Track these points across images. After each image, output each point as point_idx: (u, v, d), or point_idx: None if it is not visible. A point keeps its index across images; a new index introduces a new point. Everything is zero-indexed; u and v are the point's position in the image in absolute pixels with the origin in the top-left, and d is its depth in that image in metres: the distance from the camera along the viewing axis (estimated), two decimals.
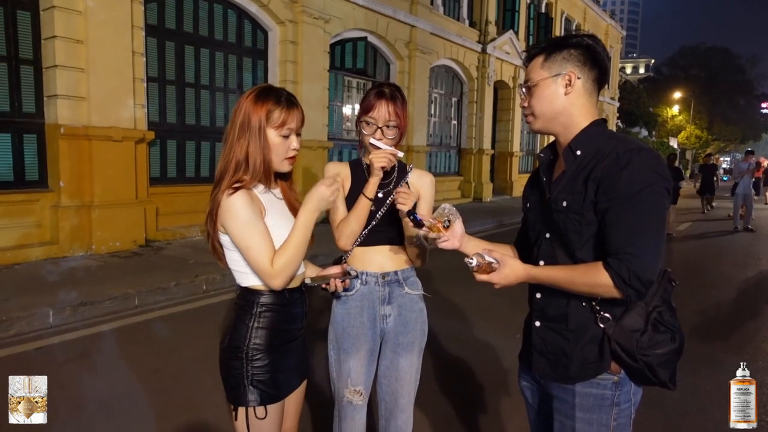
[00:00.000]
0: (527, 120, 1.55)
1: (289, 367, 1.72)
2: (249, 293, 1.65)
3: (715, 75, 44.90)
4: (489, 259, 1.46)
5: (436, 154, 15.35)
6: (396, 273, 1.99)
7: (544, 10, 20.32)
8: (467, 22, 15.91)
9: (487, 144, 16.70)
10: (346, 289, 1.90)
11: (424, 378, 2.17)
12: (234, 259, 1.64)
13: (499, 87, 17.78)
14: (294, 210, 1.74)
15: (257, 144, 1.58)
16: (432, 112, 14.95)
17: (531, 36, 19.34)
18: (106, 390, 3.33)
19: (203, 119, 8.65)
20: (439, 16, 14.19)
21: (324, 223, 1.90)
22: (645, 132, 38.70)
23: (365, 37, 11.25)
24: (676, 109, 42.90)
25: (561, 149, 1.51)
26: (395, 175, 2.00)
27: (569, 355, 1.46)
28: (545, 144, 1.67)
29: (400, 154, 1.90)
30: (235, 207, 1.53)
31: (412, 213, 1.63)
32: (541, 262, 1.52)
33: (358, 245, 1.97)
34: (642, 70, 74.69)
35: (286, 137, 1.63)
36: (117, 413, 3.03)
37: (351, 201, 1.95)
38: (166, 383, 3.45)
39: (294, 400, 1.80)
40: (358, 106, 1.90)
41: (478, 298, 5.57)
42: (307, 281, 1.76)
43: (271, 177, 1.67)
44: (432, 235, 1.57)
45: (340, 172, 2.02)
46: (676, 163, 14.17)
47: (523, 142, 19.57)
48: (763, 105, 50.72)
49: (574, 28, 22.80)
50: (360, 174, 2.00)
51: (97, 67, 6.62)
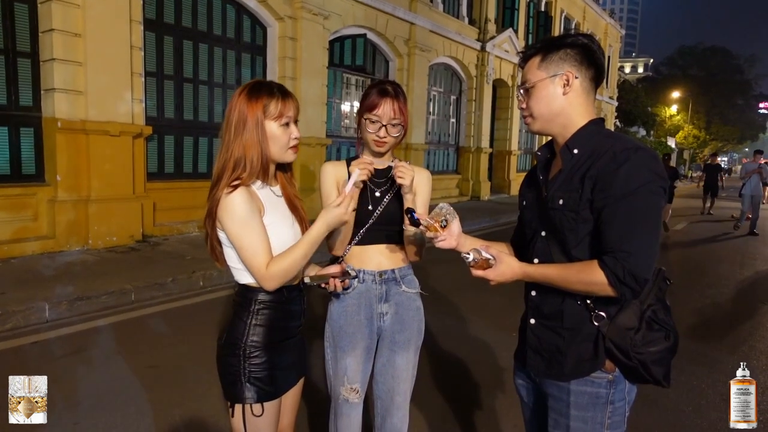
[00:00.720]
0: (526, 121, 1.55)
1: (287, 364, 1.71)
2: (247, 290, 1.64)
3: (714, 75, 44.98)
4: (486, 255, 1.47)
5: (434, 152, 15.34)
6: (393, 271, 1.99)
7: (543, 9, 20.30)
8: (467, 19, 15.88)
9: (485, 142, 16.70)
10: (344, 288, 1.89)
11: (420, 376, 2.17)
12: (232, 256, 1.63)
13: (497, 85, 17.77)
14: (293, 206, 1.73)
15: (255, 139, 1.58)
16: (431, 110, 14.94)
17: (530, 34, 19.32)
18: (101, 385, 3.32)
19: (201, 115, 8.63)
20: (438, 13, 14.17)
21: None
22: (643, 131, 38.75)
23: (364, 34, 11.23)
24: (674, 108, 42.96)
25: (558, 148, 1.51)
26: (391, 174, 1.99)
27: (564, 352, 1.47)
28: (543, 143, 1.67)
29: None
30: (233, 205, 1.53)
31: (410, 212, 1.63)
32: (536, 260, 1.52)
33: (356, 244, 1.97)
34: (641, 70, 74.76)
35: (287, 126, 1.62)
36: (113, 408, 3.02)
37: None
38: (163, 379, 3.45)
39: (291, 398, 1.80)
40: (357, 104, 1.88)
41: (475, 296, 5.57)
42: (306, 280, 1.75)
43: (269, 172, 1.66)
44: (429, 234, 1.57)
45: (329, 177, 1.99)
46: (672, 163, 14.27)
47: (521, 141, 19.58)
48: (761, 105, 50.91)
49: (573, 26, 22.80)
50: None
51: (94, 61, 6.59)
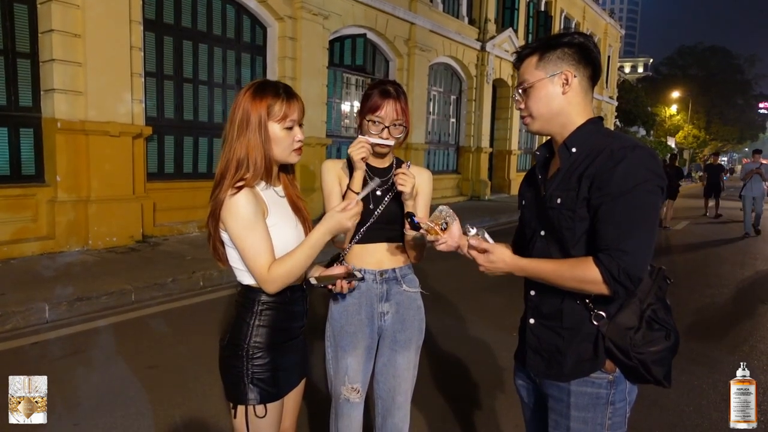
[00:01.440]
0: (525, 122, 1.53)
1: (290, 365, 1.71)
2: (250, 291, 1.63)
3: (714, 75, 44.98)
4: (488, 239, 1.47)
5: (434, 152, 15.34)
6: (394, 270, 1.98)
7: (543, 9, 20.30)
8: (466, 19, 15.88)
9: (485, 142, 16.69)
10: (350, 290, 1.89)
11: (421, 376, 2.16)
12: (235, 257, 1.62)
13: (497, 85, 17.77)
14: (296, 207, 1.72)
15: (258, 141, 1.56)
16: (431, 110, 14.94)
17: (530, 34, 19.32)
18: (102, 386, 3.32)
19: (201, 115, 8.63)
20: (438, 13, 14.17)
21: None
22: (643, 131, 38.77)
23: (364, 34, 11.22)
24: (674, 108, 42.95)
25: (557, 147, 1.51)
26: (392, 173, 1.99)
27: (564, 352, 1.46)
28: (543, 142, 1.67)
29: (390, 143, 1.89)
30: (237, 207, 1.51)
31: (409, 216, 1.63)
32: None
33: (357, 242, 1.96)
34: (641, 70, 74.73)
35: (290, 129, 1.61)
36: (113, 409, 3.02)
37: None
38: (163, 379, 3.44)
39: (293, 399, 1.79)
40: (357, 103, 1.87)
41: (475, 296, 5.57)
42: (313, 282, 1.73)
43: (272, 173, 1.65)
44: (430, 237, 1.57)
45: (331, 174, 1.99)
46: (676, 163, 14.14)
47: (521, 141, 19.57)
48: (761, 105, 50.88)
49: (573, 26, 22.80)
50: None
51: (94, 61, 6.59)
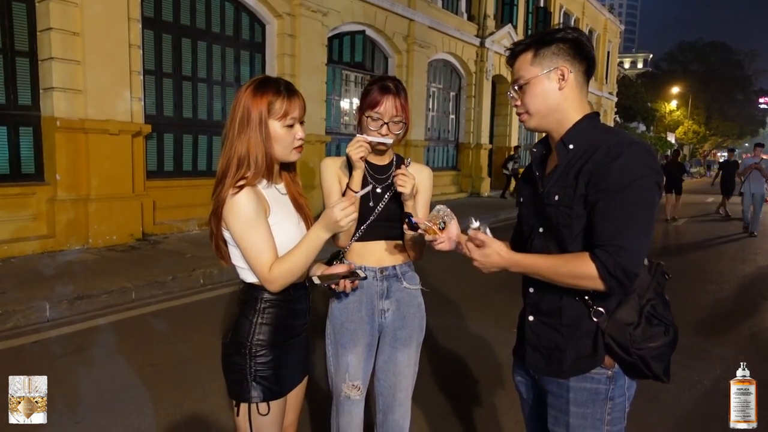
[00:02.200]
0: (522, 119, 1.53)
1: (292, 363, 1.70)
2: (253, 289, 1.63)
3: (714, 70, 44.97)
4: (487, 233, 1.46)
5: (434, 149, 15.33)
6: (394, 268, 1.98)
7: (542, 4, 20.27)
8: (465, 15, 15.86)
9: (485, 138, 16.69)
10: (353, 289, 1.88)
11: (421, 373, 2.16)
12: (237, 255, 1.61)
13: (497, 81, 17.75)
14: (298, 205, 1.71)
15: (259, 138, 1.55)
16: (430, 107, 14.93)
17: (529, 30, 19.26)
18: (102, 384, 3.32)
19: (200, 113, 8.62)
20: (437, 9, 14.14)
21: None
22: (643, 127, 38.75)
23: (363, 31, 11.22)
24: (674, 104, 42.92)
25: (554, 144, 1.50)
26: (393, 170, 1.99)
27: (563, 349, 1.46)
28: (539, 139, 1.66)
29: (389, 141, 1.87)
30: (238, 206, 1.51)
31: (407, 216, 1.63)
32: None
33: (357, 240, 1.96)
34: (640, 65, 74.59)
35: (291, 127, 1.60)
36: (113, 407, 3.02)
37: None
38: (163, 377, 3.44)
39: (295, 396, 1.79)
40: (356, 100, 1.86)
41: (475, 292, 5.57)
42: (316, 281, 1.72)
43: (273, 171, 1.63)
44: (428, 237, 1.57)
45: (330, 172, 2.00)
46: (679, 159, 14.06)
47: (521, 137, 19.56)
48: (761, 100, 50.79)
49: (572, 22, 22.76)
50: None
51: (93, 59, 6.58)
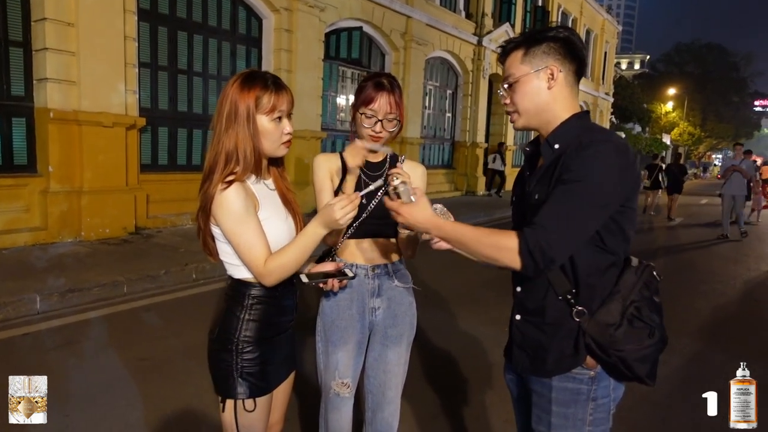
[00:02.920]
0: (512, 118, 1.52)
1: (279, 359, 1.70)
2: (241, 285, 1.62)
3: (710, 72, 45.14)
4: (411, 197, 1.46)
5: (429, 147, 15.32)
6: (386, 266, 1.98)
7: (540, 4, 20.27)
8: (463, 14, 15.84)
9: (481, 137, 16.69)
10: (342, 288, 1.87)
11: (412, 370, 2.16)
12: (226, 251, 1.61)
13: (494, 80, 17.70)
14: (286, 200, 1.70)
15: (247, 133, 1.53)
16: (426, 104, 14.90)
17: (527, 29, 19.23)
18: (92, 377, 3.30)
19: (195, 106, 8.57)
20: (435, 7, 14.11)
21: (312, 214, 1.88)
22: (639, 128, 38.83)
23: (360, 27, 11.18)
24: (670, 105, 43.05)
25: (542, 143, 1.50)
26: (386, 167, 1.98)
27: (546, 348, 1.46)
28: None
29: (388, 150, 1.86)
30: (228, 202, 1.49)
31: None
32: None
33: (349, 237, 1.95)
34: (637, 66, 74.80)
35: (279, 120, 1.58)
36: (103, 401, 3.01)
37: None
38: (153, 371, 3.43)
39: (282, 392, 1.78)
40: (352, 97, 1.84)
41: (466, 290, 5.58)
42: (304, 279, 1.71)
43: (262, 166, 1.62)
44: (425, 236, 1.56)
45: (323, 169, 1.97)
46: (680, 161, 14.53)
47: (516, 136, 19.57)
48: (757, 103, 51.11)
49: (570, 22, 22.77)
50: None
51: (87, 50, 6.53)
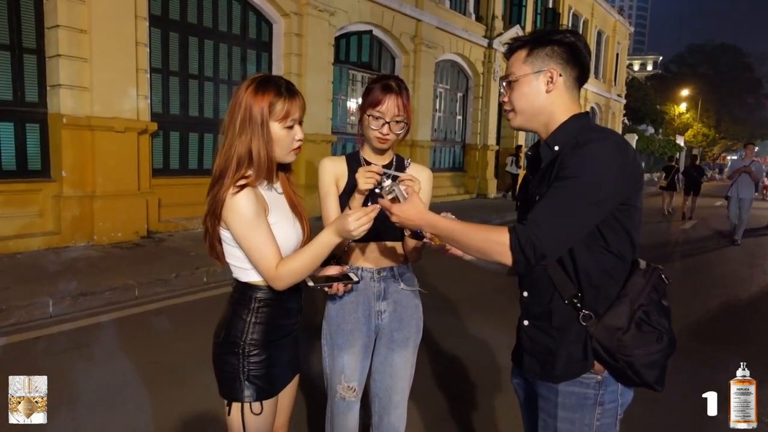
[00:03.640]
0: (507, 116, 1.52)
1: (284, 362, 1.70)
2: (247, 288, 1.63)
3: (724, 73, 44.69)
4: (402, 193, 1.48)
5: (440, 150, 15.30)
6: (392, 269, 1.97)
7: (551, 5, 20.19)
8: (473, 16, 15.81)
9: (492, 140, 16.63)
10: (347, 292, 1.87)
11: (419, 374, 2.15)
12: (234, 255, 1.61)
13: None
14: (293, 205, 1.70)
15: (261, 139, 1.53)
16: (437, 107, 14.89)
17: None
18: (102, 381, 3.32)
19: (206, 111, 8.63)
20: (445, 10, 14.11)
21: (319, 219, 1.88)
22: (651, 129, 38.50)
23: (370, 31, 11.20)
24: (683, 106, 42.65)
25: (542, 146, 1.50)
26: (392, 170, 1.97)
27: (555, 353, 1.44)
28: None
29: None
30: (239, 206, 1.50)
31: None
32: None
33: (354, 241, 1.94)
34: (650, 68, 74.19)
35: (291, 128, 1.58)
36: (112, 404, 3.02)
37: (345, 198, 1.91)
38: (163, 375, 3.44)
39: (287, 396, 1.78)
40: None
41: (475, 293, 5.55)
42: (309, 283, 1.71)
43: (273, 172, 1.62)
44: (434, 246, 1.55)
45: (328, 173, 1.96)
46: (697, 162, 14.81)
47: (528, 138, 19.48)
48: None
49: (581, 23, 22.66)
50: (357, 169, 1.96)
51: (100, 57, 6.60)
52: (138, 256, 6.21)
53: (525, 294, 1.54)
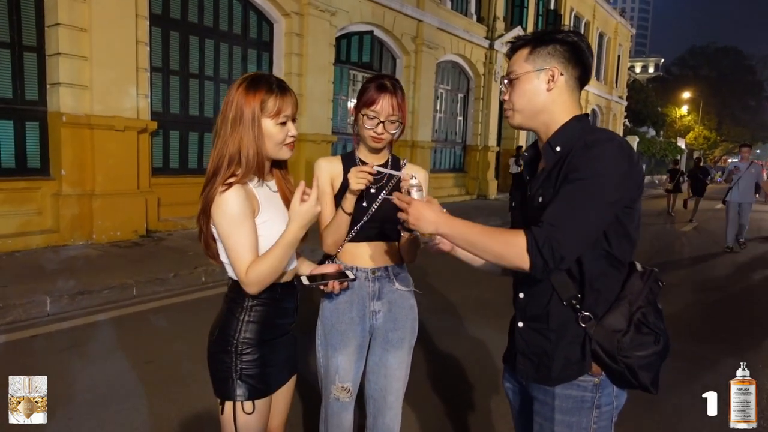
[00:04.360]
0: (506, 114, 1.50)
1: (279, 362, 1.69)
2: (241, 286, 1.62)
3: (726, 75, 44.63)
4: (417, 195, 1.46)
5: (441, 150, 15.29)
6: (386, 269, 1.96)
7: (553, 7, 20.19)
8: (475, 17, 15.81)
9: (492, 141, 16.63)
10: (343, 290, 1.86)
11: (416, 375, 2.14)
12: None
13: None
14: (288, 202, 1.70)
15: (251, 136, 1.54)
16: (437, 108, 14.88)
17: None
18: (98, 380, 3.31)
19: (207, 110, 8.63)
20: (446, 11, 14.10)
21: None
22: (653, 132, 38.48)
23: (371, 31, 11.20)
24: (684, 109, 42.63)
25: (542, 146, 1.48)
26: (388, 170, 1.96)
27: (551, 355, 1.42)
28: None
29: (399, 174, 1.74)
30: (226, 204, 1.50)
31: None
32: None
33: (350, 240, 1.93)
34: (651, 70, 74.14)
35: (283, 124, 1.58)
36: (108, 404, 3.01)
37: (340, 198, 1.89)
38: (159, 374, 3.43)
39: (283, 396, 1.77)
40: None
41: (473, 293, 5.54)
42: (305, 282, 1.71)
43: (264, 169, 1.62)
44: (424, 238, 1.54)
45: (323, 173, 1.96)
46: (701, 164, 15.40)
47: (529, 139, 19.46)
48: None
49: (583, 25, 22.65)
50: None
51: (100, 55, 6.60)
52: (137, 255, 6.20)
53: (521, 295, 1.52)
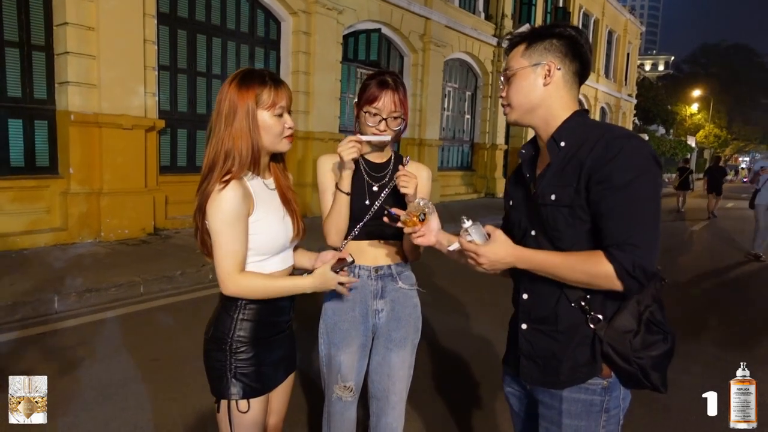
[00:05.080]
0: (504, 111, 1.48)
1: (275, 360, 1.68)
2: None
3: (737, 73, 44.14)
4: (472, 233, 1.36)
5: (448, 149, 15.25)
6: (389, 267, 1.94)
7: (561, 4, 20.06)
8: (483, 15, 15.74)
9: (500, 139, 16.56)
10: (349, 290, 1.82)
11: (420, 374, 2.13)
12: None
13: None
14: (286, 200, 1.68)
15: (246, 129, 1.53)
16: (445, 106, 14.84)
17: None
18: (104, 377, 3.32)
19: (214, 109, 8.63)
20: (454, 8, 14.05)
21: (317, 216, 1.86)
22: (662, 130, 38.19)
23: (379, 29, 11.17)
24: (695, 107, 42.25)
25: (543, 142, 1.45)
26: (390, 168, 1.95)
27: (560, 358, 1.39)
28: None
29: (387, 139, 1.84)
30: (221, 201, 1.50)
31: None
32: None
33: (353, 239, 1.92)
34: (661, 68, 73.61)
35: (280, 116, 1.58)
36: (113, 401, 3.02)
37: None
38: (164, 372, 3.44)
39: (280, 394, 1.76)
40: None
41: (477, 292, 5.52)
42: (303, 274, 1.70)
43: (261, 163, 1.61)
44: (407, 229, 1.53)
45: (326, 170, 1.96)
46: (720, 163, 15.95)
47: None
48: None
49: (592, 22, 22.51)
50: (355, 167, 1.95)
51: (108, 54, 6.63)
52: (144, 253, 6.22)
53: (525, 296, 1.49)
